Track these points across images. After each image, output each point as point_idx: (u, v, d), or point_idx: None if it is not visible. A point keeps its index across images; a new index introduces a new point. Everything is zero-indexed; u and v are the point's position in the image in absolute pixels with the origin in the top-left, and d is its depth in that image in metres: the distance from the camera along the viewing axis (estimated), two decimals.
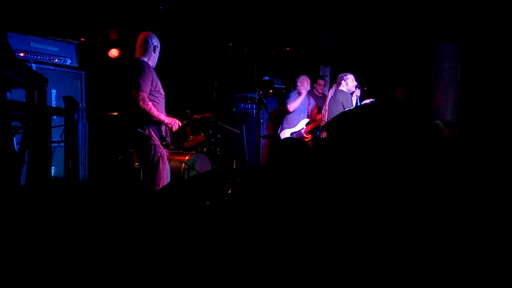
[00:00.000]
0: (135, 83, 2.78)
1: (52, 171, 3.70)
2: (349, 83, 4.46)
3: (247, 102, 5.51)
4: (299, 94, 4.87)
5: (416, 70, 5.96)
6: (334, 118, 0.91)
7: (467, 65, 5.48)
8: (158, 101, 2.96)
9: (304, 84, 4.87)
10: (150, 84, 2.86)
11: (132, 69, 2.85)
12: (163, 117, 2.94)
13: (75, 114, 3.06)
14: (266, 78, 5.79)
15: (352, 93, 4.49)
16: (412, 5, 4.75)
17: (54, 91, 3.94)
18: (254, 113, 5.40)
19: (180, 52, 5.39)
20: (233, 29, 5.30)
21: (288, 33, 5.78)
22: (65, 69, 4.06)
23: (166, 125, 2.98)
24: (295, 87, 5.09)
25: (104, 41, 4.93)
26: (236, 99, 5.57)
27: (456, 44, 5.49)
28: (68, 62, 4.12)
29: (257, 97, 3.95)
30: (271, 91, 5.76)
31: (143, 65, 2.85)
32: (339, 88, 4.49)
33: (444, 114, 5.48)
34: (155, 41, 3.09)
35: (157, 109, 2.90)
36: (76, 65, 4.19)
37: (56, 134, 3.68)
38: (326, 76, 6.56)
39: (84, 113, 4.14)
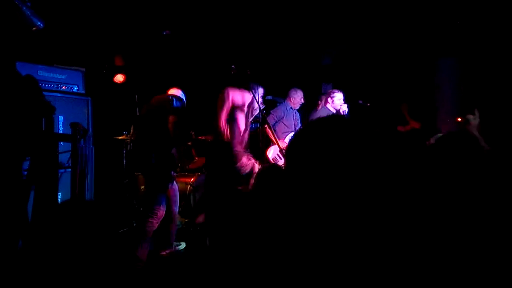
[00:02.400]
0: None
1: (59, 196, 3.72)
2: (335, 100, 4.44)
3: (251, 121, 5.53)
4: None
5: (419, 86, 5.98)
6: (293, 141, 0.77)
7: (468, 80, 5.50)
8: None
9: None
10: None
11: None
12: None
13: (82, 140, 3.12)
14: (269, 97, 5.84)
15: (337, 111, 4.45)
16: (413, 23, 4.82)
17: (61, 117, 4.01)
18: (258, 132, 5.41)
19: (183, 74, 5.49)
20: (235, 51, 5.40)
21: (289, 53, 5.88)
22: (72, 96, 4.15)
23: None
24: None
25: (109, 67, 5.04)
26: None
27: (457, 59, 5.54)
28: (75, 89, 4.21)
29: (260, 117, 3.98)
30: None
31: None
32: (326, 106, 4.50)
33: (445, 128, 5.47)
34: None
35: None
36: (83, 92, 4.28)
37: (63, 160, 3.73)
38: None
39: (91, 138, 4.20)
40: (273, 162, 4.45)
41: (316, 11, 4.44)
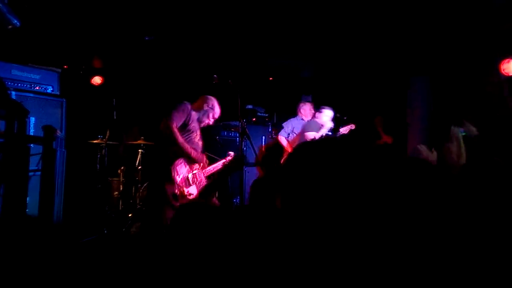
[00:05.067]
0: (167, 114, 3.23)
1: (27, 200, 3.56)
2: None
3: (231, 130, 5.53)
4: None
5: (392, 101, 6.18)
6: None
7: (438, 98, 5.73)
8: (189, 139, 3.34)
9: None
10: (182, 118, 3.29)
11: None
12: (190, 149, 3.25)
13: (54, 142, 3.01)
14: (250, 106, 5.86)
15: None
16: (388, 42, 4.99)
17: (33, 119, 3.86)
18: (238, 141, 5.41)
19: (165, 81, 5.42)
20: (217, 59, 5.40)
21: (271, 64, 5.93)
22: (46, 97, 4.00)
23: (192, 158, 3.28)
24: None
25: (87, 69, 4.92)
26: (220, 127, 5.59)
27: (428, 78, 5.77)
28: (50, 89, 4.07)
29: (240, 126, 3.98)
30: (254, 119, 5.81)
31: (181, 103, 3.37)
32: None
33: (415, 144, 5.65)
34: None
35: (185, 140, 3.25)
36: (58, 93, 4.14)
37: (33, 162, 3.58)
38: None
39: (63, 141, 4.06)
40: None
41: (297, 27, 4.52)
